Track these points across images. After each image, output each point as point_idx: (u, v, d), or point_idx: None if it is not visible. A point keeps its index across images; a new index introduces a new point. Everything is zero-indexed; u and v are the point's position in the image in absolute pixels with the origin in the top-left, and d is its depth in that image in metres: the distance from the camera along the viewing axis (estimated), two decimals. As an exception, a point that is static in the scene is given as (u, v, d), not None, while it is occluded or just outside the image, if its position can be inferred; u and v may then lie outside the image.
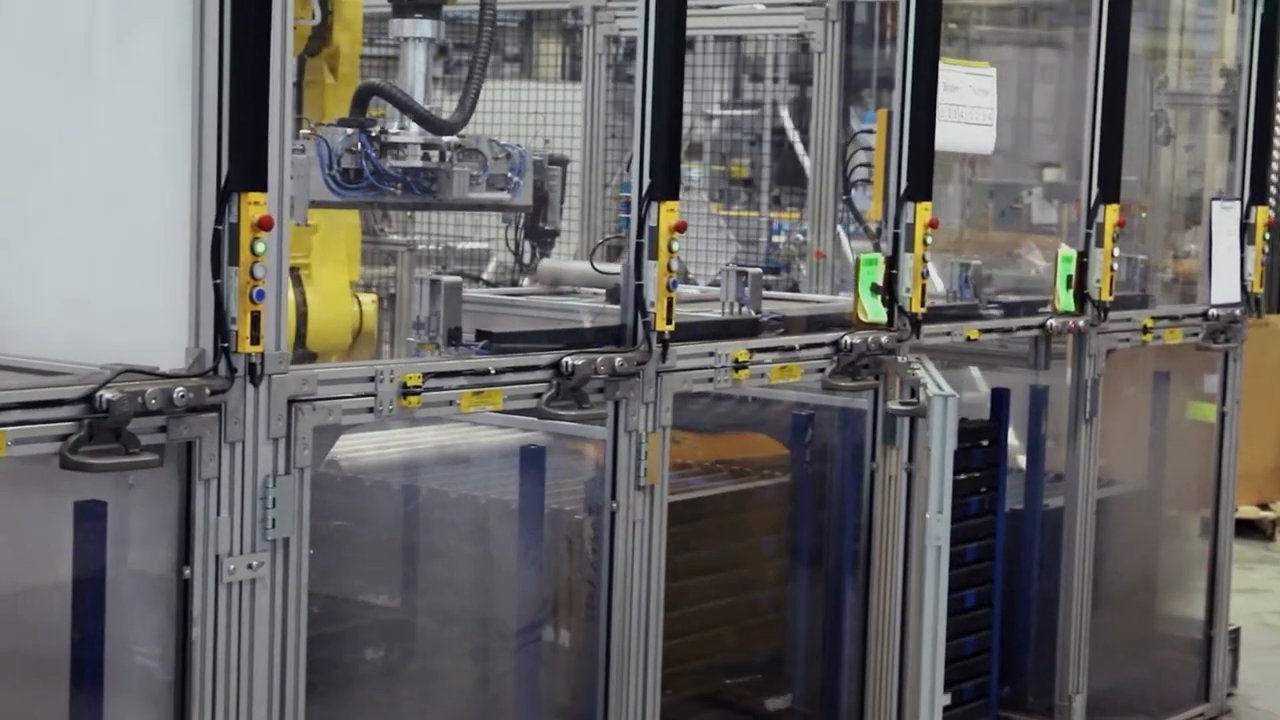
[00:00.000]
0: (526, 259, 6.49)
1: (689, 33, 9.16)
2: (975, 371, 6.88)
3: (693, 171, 11.52)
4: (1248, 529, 10.48)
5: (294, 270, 5.81)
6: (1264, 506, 10.66)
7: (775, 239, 10.34)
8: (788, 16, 8.19)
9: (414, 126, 5.19)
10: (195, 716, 3.67)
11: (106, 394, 3.42)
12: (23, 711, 3.80)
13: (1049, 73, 9.18)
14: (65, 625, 3.63)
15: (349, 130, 5.06)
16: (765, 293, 5.32)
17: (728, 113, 10.60)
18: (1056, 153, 9.18)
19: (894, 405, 5.15)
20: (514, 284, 6.70)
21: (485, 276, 8.42)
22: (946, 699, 5.93)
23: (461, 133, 5.30)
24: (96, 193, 3.76)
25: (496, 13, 5.36)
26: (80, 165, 3.78)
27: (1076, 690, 6.22)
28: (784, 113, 9.76)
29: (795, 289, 7.81)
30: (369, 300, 6.34)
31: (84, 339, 3.71)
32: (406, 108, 5.17)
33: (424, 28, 5.28)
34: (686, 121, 9.43)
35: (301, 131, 5.31)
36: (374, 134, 5.13)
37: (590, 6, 8.61)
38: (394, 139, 5.18)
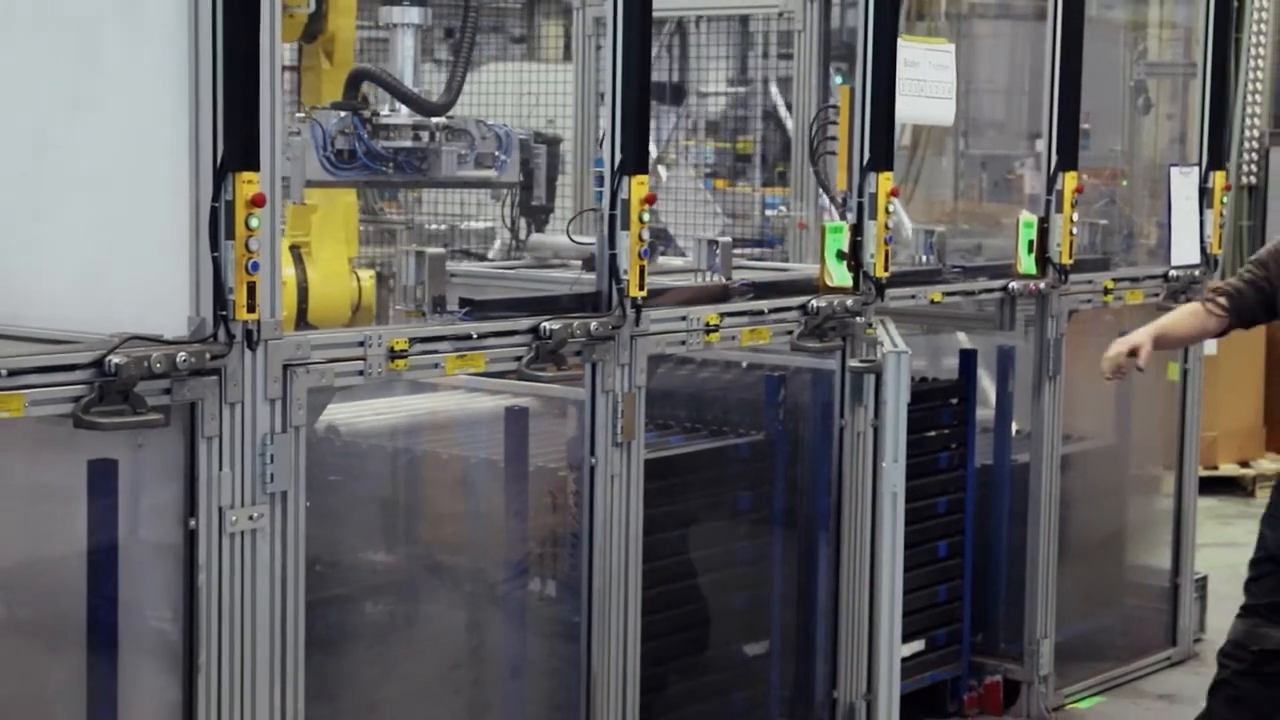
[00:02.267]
0: (521, 235, 6.80)
1: (680, 13, 9.46)
2: (961, 336, 7.16)
3: (696, 149, 11.81)
4: (1229, 486, 10.77)
5: (294, 248, 6.10)
6: (1244, 464, 10.94)
7: (769, 213, 10.62)
8: (761, -6, 8.47)
9: (404, 108, 5.49)
10: (203, 658, 3.98)
11: (115, 359, 3.72)
12: (42, 653, 4.10)
13: (1040, 44, 9.41)
14: (82, 572, 3.93)
15: (342, 113, 5.35)
16: (748, 263, 5.61)
17: (732, 90, 10.87)
18: (1039, 123, 9.42)
19: (854, 363, 5.45)
20: (501, 258, 6.99)
21: (491, 255, 8.70)
22: (920, 645, 6.28)
23: (450, 114, 5.60)
24: (102, 174, 4.05)
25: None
26: (86, 148, 4.07)
27: (1044, 635, 6.52)
28: (774, 89, 10.01)
29: (786, 261, 8.08)
30: (367, 276, 6.63)
31: (93, 310, 4.01)
32: (395, 91, 5.47)
33: (411, 14, 5.57)
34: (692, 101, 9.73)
35: (297, 115, 5.61)
36: (366, 116, 5.43)
37: (580, -10, 8.89)
38: (385, 121, 5.48)
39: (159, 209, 3.95)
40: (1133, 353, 5.35)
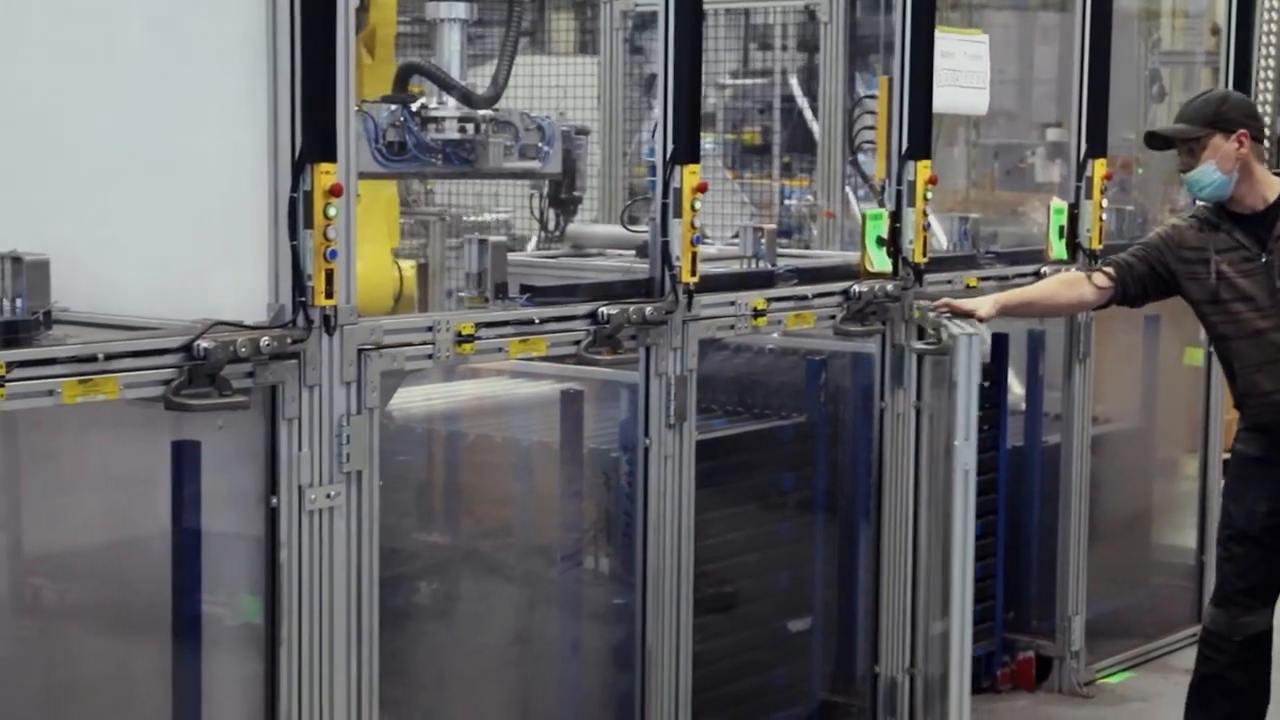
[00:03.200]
0: (551, 225, 6.95)
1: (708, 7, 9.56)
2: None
3: (706, 140, 11.91)
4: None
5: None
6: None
7: (787, 203, 10.75)
8: (786, -12, 8.62)
9: (451, 101, 5.63)
10: (284, 631, 4.14)
11: (203, 343, 3.88)
12: (129, 627, 4.26)
13: (1051, 34, 9.54)
14: (166, 549, 4.09)
15: (393, 106, 5.50)
16: (780, 250, 5.76)
17: (738, 82, 11.00)
18: (1059, 113, 9.56)
19: (919, 345, 5.58)
20: (539, 248, 7.14)
21: (530, 247, 8.83)
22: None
23: (495, 106, 5.75)
24: (184, 167, 4.21)
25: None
26: (170, 142, 4.23)
27: (1076, 612, 6.68)
28: (793, 81, 10.14)
29: (807, 249, 8.23)
30: (409, 266, 6.79)
31: (177, 298, 4.16)
32: (445, 84, 5.61)
33: (457, 9, 5.71)
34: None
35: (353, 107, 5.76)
36: (415, 109, 5.58)
37: (611, -15, 9.03)
38: (433, 113, 5.62)
39: (240, 200, 4.10)
40: (967, 314, 5.34)
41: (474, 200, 10.24)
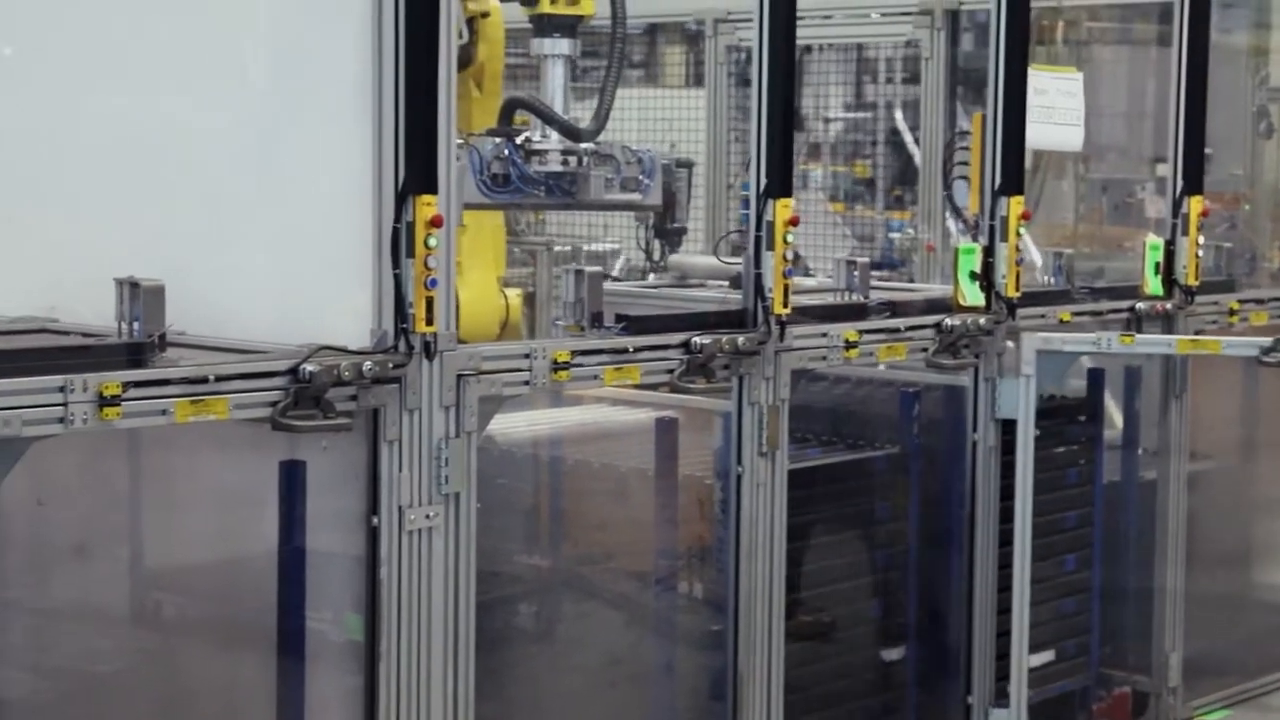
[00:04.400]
0: (656, 256, 7.09)
1: (807, 41, 9.68)
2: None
3: (814, 172, 12.04)
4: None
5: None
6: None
7: (892, 235, 10.83)
8: (898, 25, 8.72)
9: (554, 134, 5.79)
10: (383, 646, 4.28)
11: (309, 366, 4.04)
12: (235, 639, 4.43)
13: (1161, 69, 9.54)
14: (272, 566, 4.25)
15: (497, 139, 5.66)
16: (877, 284, 5.85)
17: (849, 115, 11.09)
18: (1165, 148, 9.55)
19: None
20: (643, 279, 7.28)
21: (614, 274, 9.00)
22: (1050, 655, 6.45)
23: (597, 139, 5.89)
24: (292, 198, 4.39)
25: (627, 28, 5.94)
26: (277, 174, 4.41)
27: (1173, 648, 6.69)
28: (898, 115, 10.23)
29: (912, 283, 8.31)
30: (514, 294, 6.95)
31: (283, 323, 4.32)
32: (548, 118, 5.77)
33: (562, 46, 5.88)
34: (808, 125, 9.95)
35: (454, 141, 5.93)
36: (519, 142, 5.74)
37: (712, 19, 9.18)
38: (537, 146, 5.78)
39: (347, 230, 4.26)
40: None
41: (585, 230, 10.43)
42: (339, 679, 4.33)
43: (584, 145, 5.80)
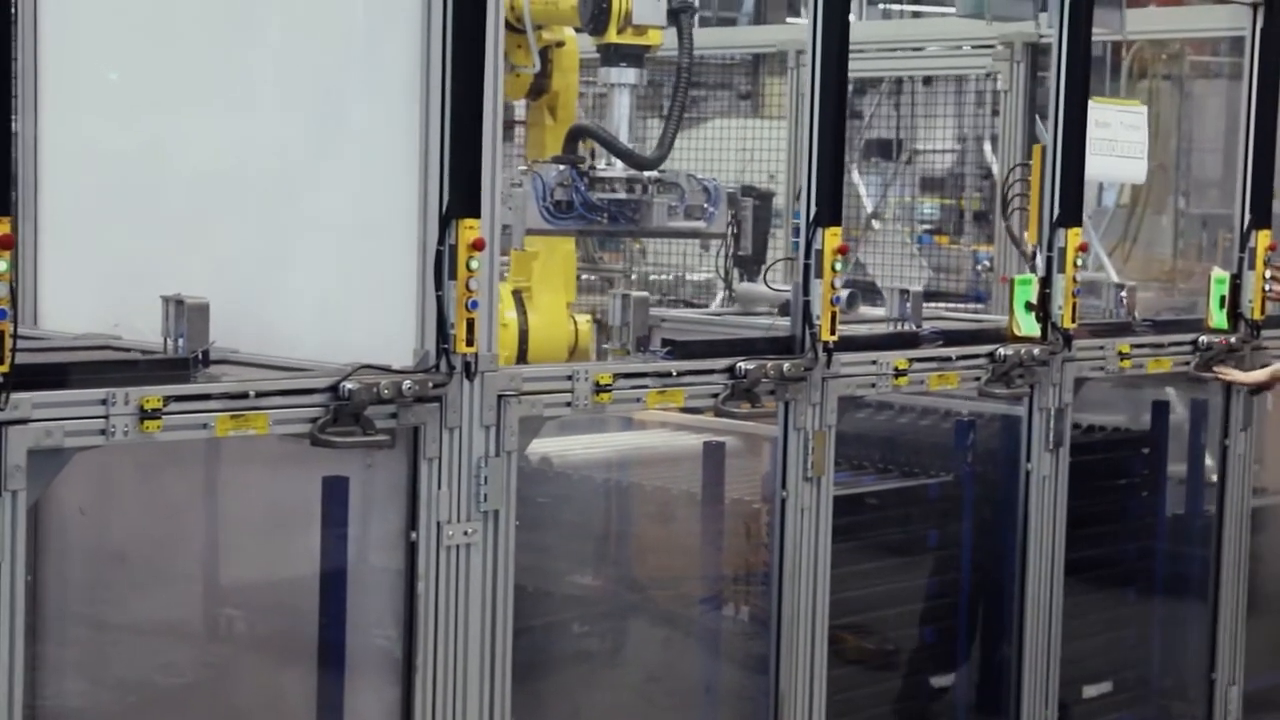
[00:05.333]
0: (735, 283, 7.17)
1: (898, 73, 9.72)
2: (1170, 390, 7.31)
3: (925, 206, 12.08)
4: None
5: (516, 292, 6.55)
6: None
7: (978, 268, 10.84)
8: (977, 57, 8.75)
9: (619, 162, 5.89)
10: (419, 658, 4.38)
11: (348, 384, 4.15)
12: (279, 649, 4.55)
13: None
14: (316, 578, 4.37)
15: (561, 166, 5.78)
16: (949, 314, 5.86)
17: (945, 149, 11.10)
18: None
19: None
20: (721, 306, 7.37)
21: (714, 306, 9.08)
22: (1109, 686, 6.45)
23: (662, 167, 5.99)
24: (339, 220, 4.52)
25: (693, 62, 6.03)
26: (326, 196, 4.54)
27: (1233, 682, 6.65)
28: (987, 147, 10.24)
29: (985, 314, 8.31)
30: (584, 320, 7.05)
31: (330, 342, 4.45)
32: (612, 146, 5.88)
33: (628, 75, 5.98)
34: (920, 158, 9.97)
35: (519, 169, 6.06)
36: (583, 169, 5.85)
37: (794, 51, 9.26)
38: (601, 174, 5.89)
39: (389, 252, 4.38)
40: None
41: (679, 260, 10.53)
42: (377, 689, 4.44)
43: (648, 173, 5.90)
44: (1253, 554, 6.78)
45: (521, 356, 6.43)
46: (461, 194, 4.31)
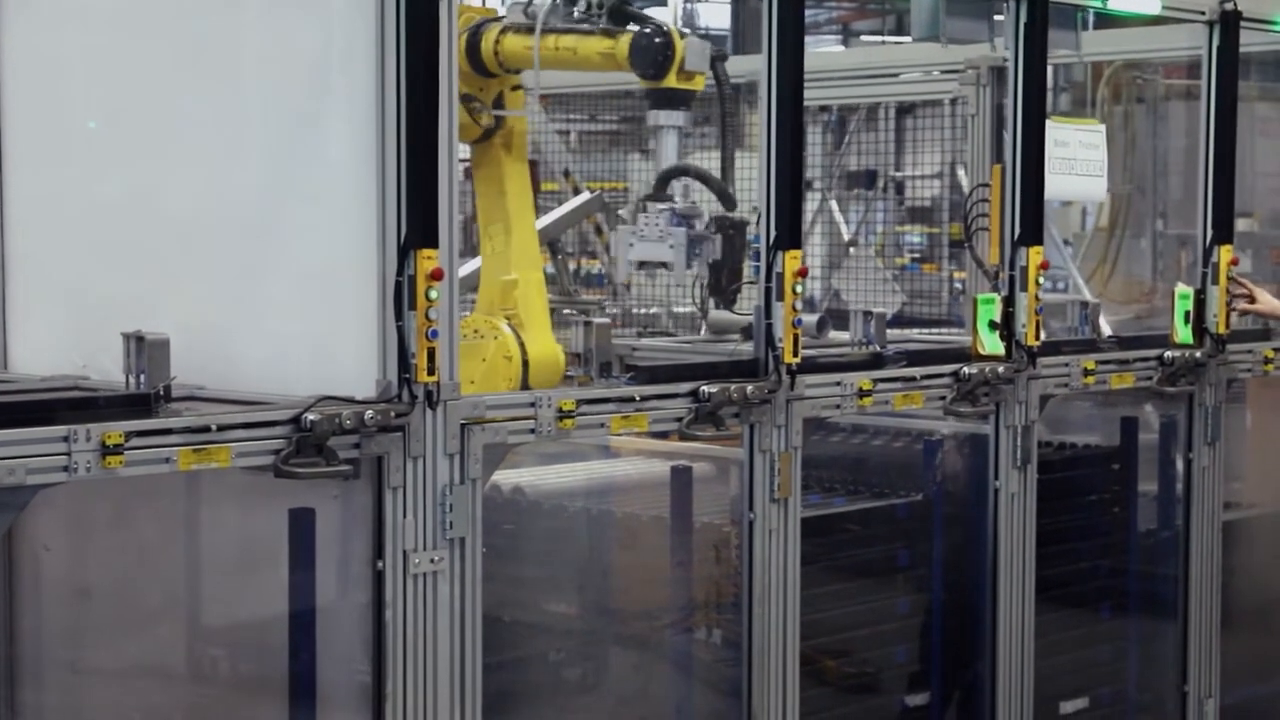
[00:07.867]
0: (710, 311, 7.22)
1: (865, 100, 9.79)
2: (1148, 408, 7.36)
3: (914, 235, 12.17)
4: None
5: (509, 320, 6.60)
6: None
7: (955, 291, 10.92)
8: (943, 83, 8.82)
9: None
10: (389, 687, 4.41)
11: (310, 416, 4.19)
12: (248, 681, 4.58)
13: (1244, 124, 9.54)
14: (284, 610, 4.40)
15: (661, 206, 5.92)
16: (920, 336, 5.89)
17: (919, 175, 11.19)
18: (1250, 203, 9.57)
19: None
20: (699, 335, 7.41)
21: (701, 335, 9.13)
22: (1084, 702, 6.48)
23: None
24: (301, 257, 4.56)
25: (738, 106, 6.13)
26: (288, 236, 4.59)
27: (1209, 695, 6.68)
28: (960, 171, 10.32)
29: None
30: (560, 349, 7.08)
31: (294, 376, 4.49)
32: (711, 184, 5.99)
33: (675, 117, 6.04)
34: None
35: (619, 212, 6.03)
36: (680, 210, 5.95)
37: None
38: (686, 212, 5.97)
39: (350, 285, 4.43)
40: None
41: (663, 293, 10.58)
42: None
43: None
44: (1228, 568, 6.82)
45: (524, 384, 6.47)
46: (418, 225, 4.35)
